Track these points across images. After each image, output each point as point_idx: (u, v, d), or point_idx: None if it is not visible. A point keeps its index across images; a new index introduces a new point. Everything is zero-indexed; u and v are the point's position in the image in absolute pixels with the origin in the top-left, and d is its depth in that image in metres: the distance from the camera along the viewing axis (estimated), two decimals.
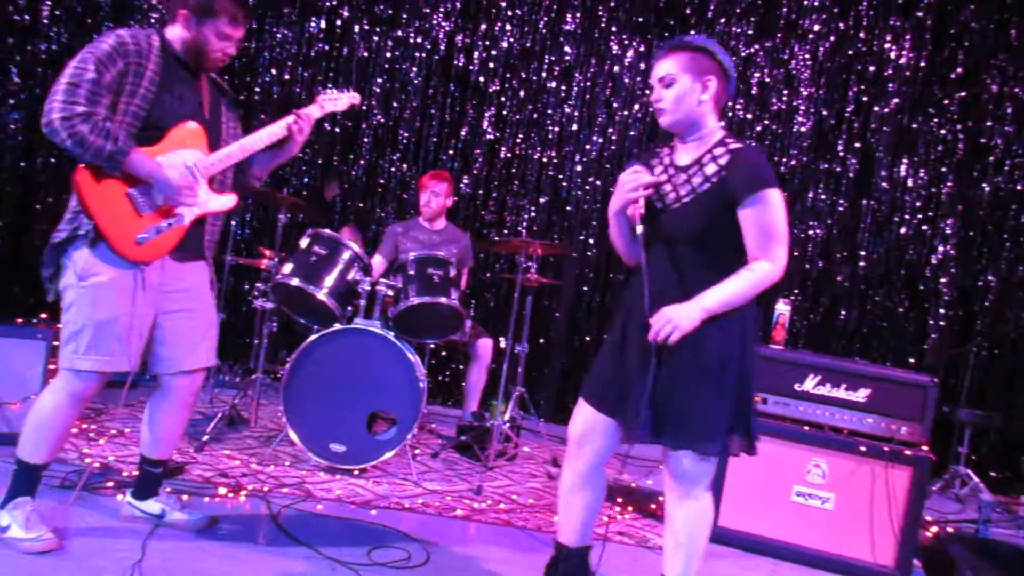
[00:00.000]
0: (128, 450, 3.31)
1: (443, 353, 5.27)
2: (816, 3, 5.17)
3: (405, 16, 5.31)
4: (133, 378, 2.38)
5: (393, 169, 5.33)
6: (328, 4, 5.28)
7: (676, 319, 1.89)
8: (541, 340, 5.15)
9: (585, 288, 5.26)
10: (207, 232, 2.46)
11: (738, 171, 1.95)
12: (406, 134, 5.33)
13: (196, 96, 2.40)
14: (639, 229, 2.00)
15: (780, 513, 3.15)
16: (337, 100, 2.82)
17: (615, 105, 5.31)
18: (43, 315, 3.33)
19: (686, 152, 2.07)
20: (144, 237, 2.22)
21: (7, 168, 5.19)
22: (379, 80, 5.33)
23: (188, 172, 2.32)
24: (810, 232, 5.18)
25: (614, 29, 5.31)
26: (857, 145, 5.14)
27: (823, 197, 5.19)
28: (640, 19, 5.28)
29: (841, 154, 5.17)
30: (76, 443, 3.25)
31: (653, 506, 3.51)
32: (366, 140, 5.34)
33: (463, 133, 5.37)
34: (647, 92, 5.20)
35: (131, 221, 2.21)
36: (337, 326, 3.46)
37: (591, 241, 5.28)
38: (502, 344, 3.94)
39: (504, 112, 5.37)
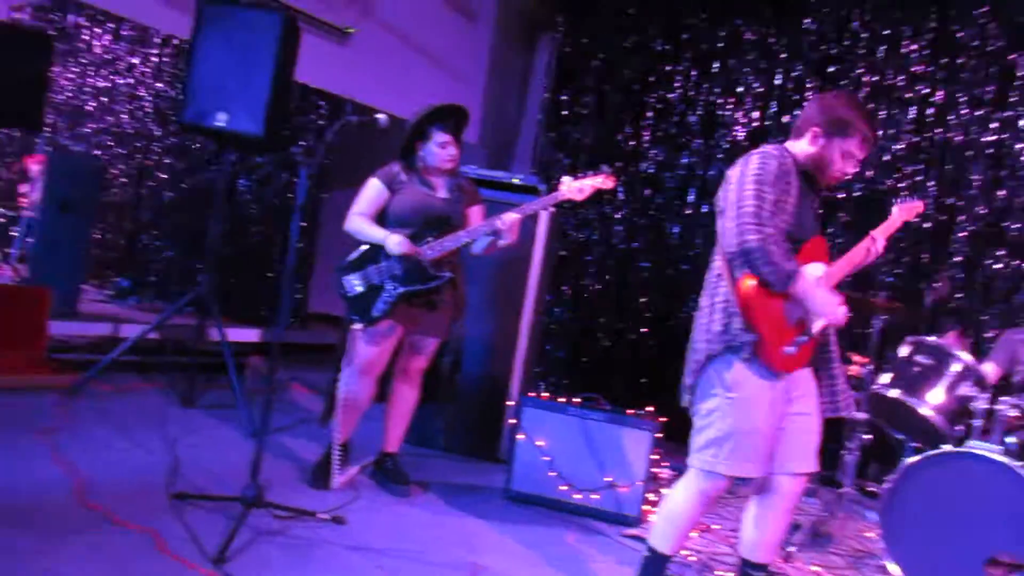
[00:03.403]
0: (716, 548, 3.38)
1: None
2: None
3: (1015, 95, 4.69)
4: None
5: (999, 266, 4.66)
6: (920, 92, 4.97)
7: None
8: None
9: None
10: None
11: None
12: (1016, 226, 4.63)
13: (813, 208, 2.45)
14: None
15: None
16: (911, 209, 2.69)
17: None
18: (649, 408, 3.64)
19: None
20: (790, 350, 2.27)
21: (616, 275, 6.00)
22: (978, 168, 4.77)
23: (832, 294, 2.33)
24: None
25: None
26: None
27: None
28: None
29: None
30: None
31: None
32: (962, 235, 4.79)
33: None
34: None
35: (782, 334, 2.28)
36: (946, 448, 3.07)
37: None
38: None
39: None
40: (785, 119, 5.38)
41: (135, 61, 7.64)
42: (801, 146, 2.42)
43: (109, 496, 2.79)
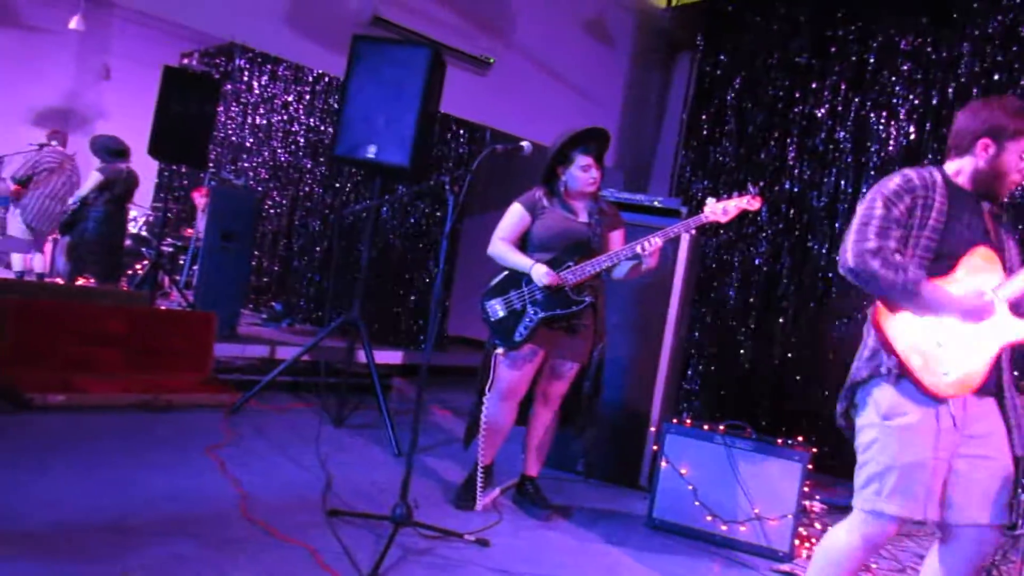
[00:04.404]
0: None
1: None
2: None
3: None
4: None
5: None
6: None
7: None
8: None
9: None
10: (1004, 367, 2.23)
11: None
12: None
13: (982, 223, 2.26)
14: None
15: None
16: None
17: None
18: (799, 437, 3.48)
19: None
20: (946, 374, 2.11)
21: (759, 298, 5.81)
22: None
23: (980, 297, 2.17)
24: None
25: None
26: None
27: None
28: None
29: None
30: None
31: None
32: None
33: None
34: None
35: (929, 355, 2.12)
36: None
37: None
38: None
39: None
40: (944, 132, 5.06)
41: (289, 99, 8.16)
42: (965, 163, 2.27)
43: (269, 510, 2.96)
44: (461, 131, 6.96)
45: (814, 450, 3.42)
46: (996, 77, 4.93)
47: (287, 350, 5.46)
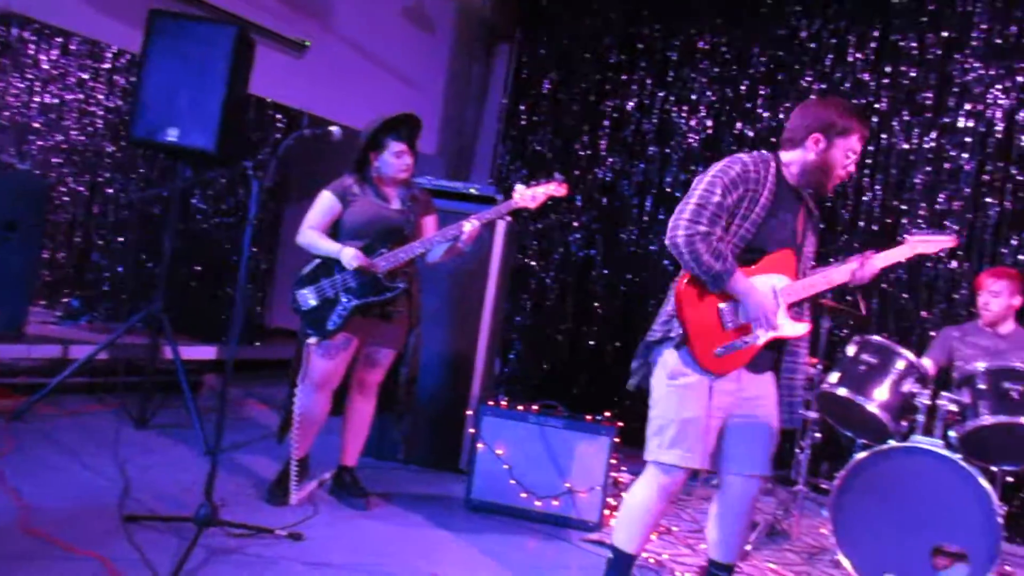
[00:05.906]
0: (676, 549, 3.42)
1: (1010, 479, 4.43)
2: None
3: (953, 101, 4.84)
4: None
5: (940, 267, 4.79)
6: (865, 100, 5.09)
7: None
8: None
9: None
10: (778, 350, 2.50)
11: None
12: (956, 227, 4.77)
13: (793, 222, 2.48)
14: None
15: None
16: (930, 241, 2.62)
17: None
18: (607, 413, 3.67)
19: None
20: (721, 351, 2.32)
21: (575, 282, 6.04)
22: (923, 171, 4.91)
23: (773, 296, 2.38)
24: None
25: None
26: None
27: None
28: None
29: None
30: None
31: None
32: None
33: None
34: None
35: (714, 334, 2.34)
36: (892, 443, 3.15)
37: None
38: None
39: None
40: (738, 126, 5.50)
41: (85, 76, 7.50)
42: (797, 155, 2.44)
43: (55, 521, 2.72)
44: (278, 116, 6.70)
45: (620, 424, 3.62)
46: (779, 77, 5.40)
47: (83, 349, 5.04)
